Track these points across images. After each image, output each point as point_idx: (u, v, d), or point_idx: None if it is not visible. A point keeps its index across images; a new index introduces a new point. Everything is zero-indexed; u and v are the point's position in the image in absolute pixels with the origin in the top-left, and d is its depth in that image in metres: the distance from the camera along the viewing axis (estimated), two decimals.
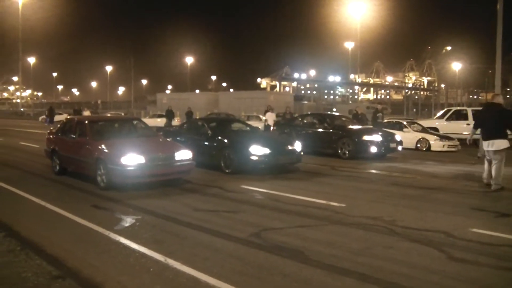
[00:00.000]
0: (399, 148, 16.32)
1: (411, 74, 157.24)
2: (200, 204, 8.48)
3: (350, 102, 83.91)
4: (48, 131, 13.04)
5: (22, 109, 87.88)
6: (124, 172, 9.32)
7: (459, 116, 22.01)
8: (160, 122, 33.16)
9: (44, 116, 47.77)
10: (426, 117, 40.12)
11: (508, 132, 9.86)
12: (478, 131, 10.12)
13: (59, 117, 43.21)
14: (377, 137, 15.44)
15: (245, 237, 6.28)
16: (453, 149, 18.61)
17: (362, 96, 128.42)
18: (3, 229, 6.67)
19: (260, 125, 25.86)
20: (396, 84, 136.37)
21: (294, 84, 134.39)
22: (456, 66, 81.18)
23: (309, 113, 29.71)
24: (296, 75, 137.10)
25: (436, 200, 8.95)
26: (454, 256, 5.51)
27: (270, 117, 24.35)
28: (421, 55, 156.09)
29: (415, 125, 20.71)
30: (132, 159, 9.35)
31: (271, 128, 22.09)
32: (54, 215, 7.67)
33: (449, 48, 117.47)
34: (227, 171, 11.95)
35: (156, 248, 5.73)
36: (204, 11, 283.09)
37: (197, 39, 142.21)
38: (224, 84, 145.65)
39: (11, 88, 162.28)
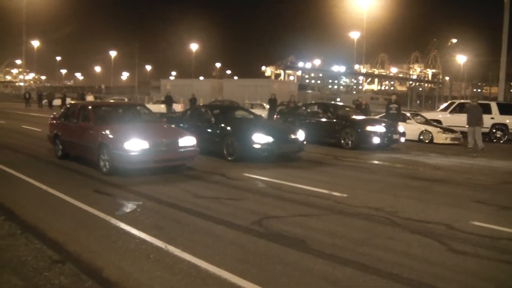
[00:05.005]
0: (402, 139, 16.29)
1: (415, 66, 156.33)
2: (202, 191, 8.48)
3: (354, 92, 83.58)
4: (51, 117, 13.01)
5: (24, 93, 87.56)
6: (128, 157, 9.29)
7: (463, 109, 21.92)
8: (164, 108, 33.17)
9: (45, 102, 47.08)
10: (429, 109, 39.90)
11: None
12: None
13: (58, 102, 42.99)
14: (380, 128, 15.41)
15: (247, 225, 6.28)
16: (455, 142, 18.56)
17: (366, 86, 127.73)
18: (4, 212, 6.68)
19: (264, 113, 25.80)
20: (400, 75, 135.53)
21: (299, 73, 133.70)
22: (461, 59, 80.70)
23: (312, 102, 29.59)
24: (301, 64, 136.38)
25: (438, 192, 8.93)
26: (455, 248, 5.50)
27: None
28: (426, 47, 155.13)
29: (419, 117, 20.63)
30: (135, 144, 9.32)
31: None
32: (55, 199, 7.68)
33: (454, 40, 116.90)
34: (229, 158, 11.94)
35: (157, 234, 5.74)
36: None
37: (202, 26, 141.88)
38: (229, 72, 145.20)
39: (14, 71, 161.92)
